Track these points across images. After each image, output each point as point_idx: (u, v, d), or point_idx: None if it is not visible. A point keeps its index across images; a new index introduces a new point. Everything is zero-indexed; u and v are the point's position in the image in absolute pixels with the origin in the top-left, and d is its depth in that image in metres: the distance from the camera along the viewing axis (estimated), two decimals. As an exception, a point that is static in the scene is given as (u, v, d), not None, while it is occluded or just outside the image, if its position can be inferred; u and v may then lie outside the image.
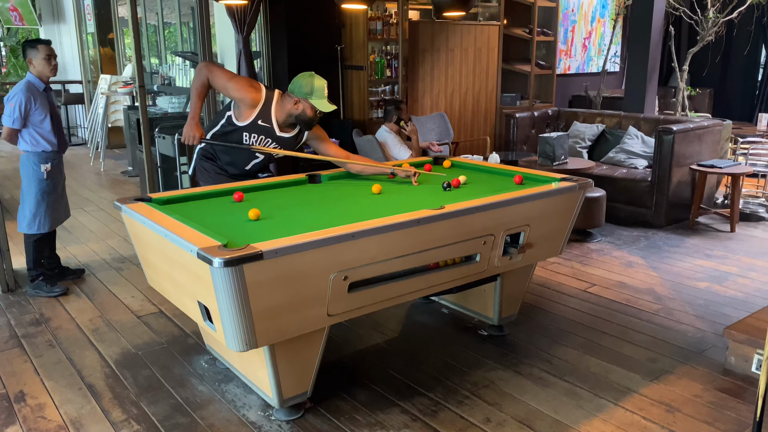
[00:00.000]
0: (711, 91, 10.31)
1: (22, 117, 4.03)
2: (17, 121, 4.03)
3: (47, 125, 4.09)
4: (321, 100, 3.49)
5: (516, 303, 3.61)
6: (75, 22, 10.81)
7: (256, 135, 3.53)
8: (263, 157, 3.62)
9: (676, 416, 2.79)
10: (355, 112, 6.95)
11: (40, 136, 4.09)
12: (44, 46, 4.06)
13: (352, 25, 6.76)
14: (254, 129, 3.51)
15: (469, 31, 7.47)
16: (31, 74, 4.11)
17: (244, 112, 3.49)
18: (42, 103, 4.08)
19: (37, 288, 4.23)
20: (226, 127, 3.54)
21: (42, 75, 4.09)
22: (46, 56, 4.05)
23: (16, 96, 4.01)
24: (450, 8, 5.02)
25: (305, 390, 2.77)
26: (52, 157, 4.17)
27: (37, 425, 2.76)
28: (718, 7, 7.77)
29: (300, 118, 3.52)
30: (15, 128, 4.08)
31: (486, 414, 2.81)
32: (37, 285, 4.24)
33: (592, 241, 5.30)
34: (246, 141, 3.53)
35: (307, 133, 3.67)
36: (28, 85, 4.05)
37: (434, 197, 3.17)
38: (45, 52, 4.04)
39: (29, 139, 4.10)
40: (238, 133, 3.51)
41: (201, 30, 5.36)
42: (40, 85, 4.10)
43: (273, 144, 3.57)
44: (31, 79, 4.08)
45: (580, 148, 6.50)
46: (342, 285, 2.52)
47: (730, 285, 4.31)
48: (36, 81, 4.09)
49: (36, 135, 4.09)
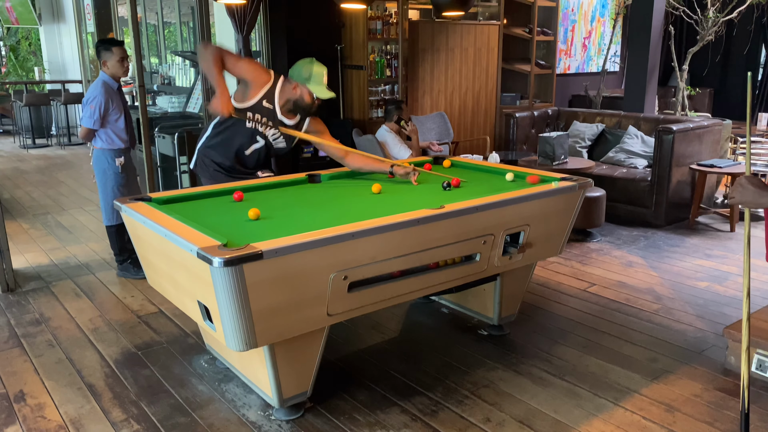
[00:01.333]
0: (711, 90, 10.31)
1: (101, 117, 4.17)
2: (97, 122, 4.18)
3: (121, 123, 4.26)
4: (319, 86, 3.50)
5: (516, 303, 3.61)
6: (75, 22, 10.80)
7: (260, 116, 3.55)
8: (263, 142, 3.62)
9: (675, 416, 2.79)
10: (355, 111, 6.95)
11: (114, 134, 4.25)
12: (119, 48, 4.21)
13: (351, 25, 6.75)
14: (258, 109, 3.54)
15: (468, 30, 7.47)
16: (105, 74, 4.24)
17: (251, 92, 3.53)
18: (117, 102, 4.24)
19: (124, 270, 4.47)
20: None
21: (115, 75, 4.25)
22: (120, 58, 4.20)
23: (96, 98, 4.15)
24: (449, 8, 5.02)
25: (305, 390, 2.77)
26: (124, 152, 4.33)
27: (37, 425, 2.76)
28: (718, 6, 7.77)
29: (298, 104, 3.55)
30: (94, 129, 4.23)
31: (486, 414, 2.81)
32: (125, 267, 4.47)
33: (592, 240, 5.30)
34: (248, 124, 3.55)
35: (308, 125, 3.68)
36: (106, 87, 4.19)
37: (434, 197, 3.17)
38: (120, 54, 4.20)
39: (105, 137, 4.25)
40: (242, 115, 3.53)
41: (201, 29, 5.35)
42: (114, 85, 4.25)
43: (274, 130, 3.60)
44: (106, 79, 4.22)
45: (579, 147, 6.50)
46: (342, 285, 2.52)
47: (730, 285, 4.31)
48: (111, 81, 4.23)
49: (111, 133, 4.25)
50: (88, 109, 4.16)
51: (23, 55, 13.71)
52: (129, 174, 4.45)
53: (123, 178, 4.38)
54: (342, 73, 6.93)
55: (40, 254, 5.05)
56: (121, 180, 4.37)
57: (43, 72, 12.37)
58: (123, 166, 4.36)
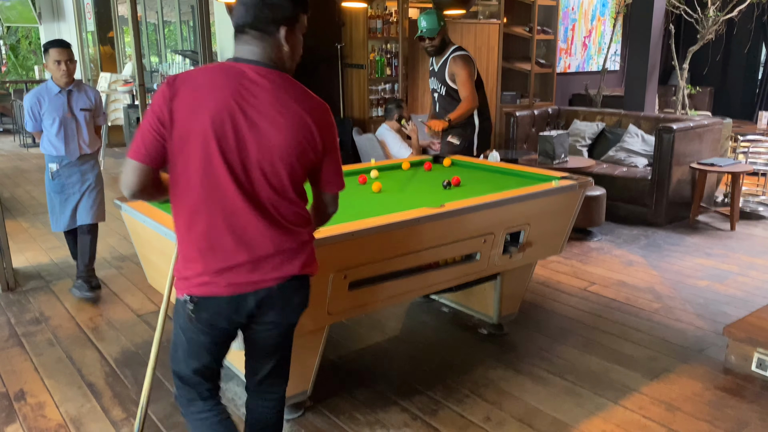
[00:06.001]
0: (711, 89, 10.30)
1: (32, 119, 3.98)
2: (29, 123, 4.01)
3: (54, 130, 3.95)
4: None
5: (516, 302, 3.60)
6: (75, 21, 10.81)
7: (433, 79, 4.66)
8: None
9: (675, 415, 2.79)
10: (355, 110, 6.94)
11: (47, 140, 4.00)
12: (55, 49, 3.89)
13: (352, 24, 6.75)
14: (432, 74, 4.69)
15: (469, 29, 7.46)
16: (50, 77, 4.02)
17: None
18: (50, 107, 3.94)
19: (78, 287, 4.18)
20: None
21: (54, 79, 3.95)
22: (56, 60, 3.88)
23: (26, 100, 3.98)
24: (450, 7, 5.02)
25: (305, 389, 2.77)
26: (59, 160, 4.02)
27: (37, 424, 2.76)
28: (719, 5, 7.76)
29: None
30: (29, 130, 4.08)
31: (486, 413, 2.81)
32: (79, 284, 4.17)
33: (592, 239, 5.30)
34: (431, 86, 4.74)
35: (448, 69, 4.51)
36: (39, 90, 3.98)
37: (434, 196, 3.17)
38: (55, 56, 3.88)
39: (43, 142, 4.04)
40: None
41: (201, 28, 5.36)
42: (53, 89, 3.94)
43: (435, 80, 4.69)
44: (48, 82, 3.98)
45: (580, 146, 6.50)
46: (342, 284, 2.52)
47: (730, 284, 4.31)
48: (51, 85, 3.96)
49: (45, 138, 4.01)
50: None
51: (23, 54, 13.72)
52: (66, 185, 4.06)
53: (57, 185, 4.04)
54: (342, 71, 6.93)
55: (40, 253, 5.05)
56: (53, 187, 4.05)
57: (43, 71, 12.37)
58: (54, 173, 4.02)
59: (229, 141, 1.71)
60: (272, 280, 1.82)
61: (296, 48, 1.89)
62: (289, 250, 1.83)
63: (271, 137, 1.73)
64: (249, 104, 1.72)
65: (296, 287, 1.89)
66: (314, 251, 1.93)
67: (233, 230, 1.75)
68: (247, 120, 1.72)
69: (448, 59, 4.50)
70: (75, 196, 4.08)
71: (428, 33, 4.46)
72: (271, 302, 1.85)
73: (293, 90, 1.81)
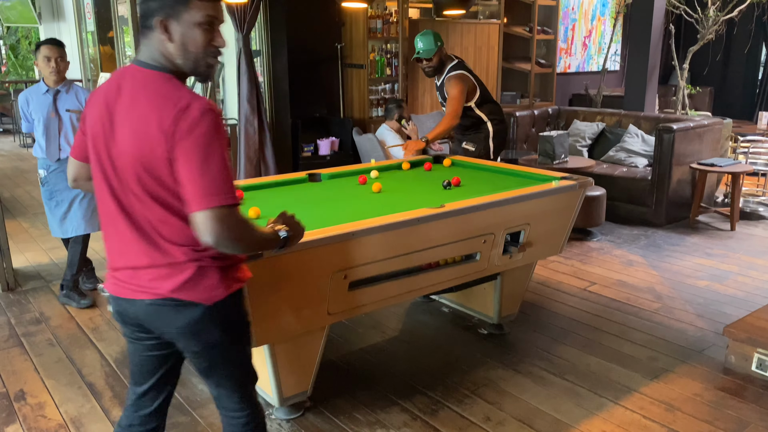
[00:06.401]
0: (711, 89, 10.30)
1: (25, 120, 3.92)
2: (23, 124, 3.96)
3: (39, 132, 3.87)
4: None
5: (516, 302, 3.60)
6: (75, 21, 10.80)
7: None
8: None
9: (676, 415, 2.79)
10: (355, 110, 6.94)
11: (36, 141, 3.93)
12: (46, 46, 3.83)
13: (352, 24, 6.75)
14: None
15: (469, 29, 7.46)
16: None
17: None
18: (36, 107, 3.86)
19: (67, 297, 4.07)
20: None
21: (44, 78, 3.87)
22: (44, 57, 3.81)
23: (18, 99, 3.92)
24: (450, 6, 5.02)
25: (305, 389, 2.77)
26: (47, 164, 3.91)
27: (37, 424, 2.76)
28: (719, 5, 7.76)
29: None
30: (24, 131, 3.99)
31: (486, 413, 2.81)
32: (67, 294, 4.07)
33: (592, 239, 5.30)
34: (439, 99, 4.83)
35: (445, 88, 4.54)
36: (31, 88, 3.92)
37: (434, 196, 3.17)
38: (45, 52, 3.81)
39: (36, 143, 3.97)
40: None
41: (201, 28, 5.34)
42: (41, 88, 3.87)
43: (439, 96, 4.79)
44: (40, 81, 3.90)
45: (580, 146, 6.50)
46: (342, 284, 2.52)
47: (730, 284, 4.31)
48: (41, 84, 3.89)
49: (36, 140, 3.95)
50: None
51: (23, 54, 13.71)
52: (54, 192, 3.92)
53: (46, 192, 3.94)
54: (342, 71, 6.92)
55: (41, 253, 5.05)
56: (44, 194, 3.96)
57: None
58: (43, 179, 3.93)
59: (99, 148, 1.69)
60: (147, 294, 1.70)
61: (187, 44, 1.63)
62: (164, 266, 1.68)
63: (125, 144, 1.63)
64: (114, 110, 1.65)
65: (172, 310, 1.70)
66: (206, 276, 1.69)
67: (116, 235, 1.73)
68: (111, 126, 1.65)
69: (444, 79, 4.55)
70: (64, 204, 3.92)
71: (425, 54, 4.50)
72: (148, 317, 1.74)
73: (153, 90, 1.61)
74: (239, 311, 1.81)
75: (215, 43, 1.67)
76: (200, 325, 1.72)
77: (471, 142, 4.65)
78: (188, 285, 1.68)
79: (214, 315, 1.72)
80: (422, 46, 4.50)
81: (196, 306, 1.69)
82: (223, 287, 1.72)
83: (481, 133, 4.63)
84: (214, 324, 1.74)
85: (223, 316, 1.75)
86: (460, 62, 4.59)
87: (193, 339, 1.75)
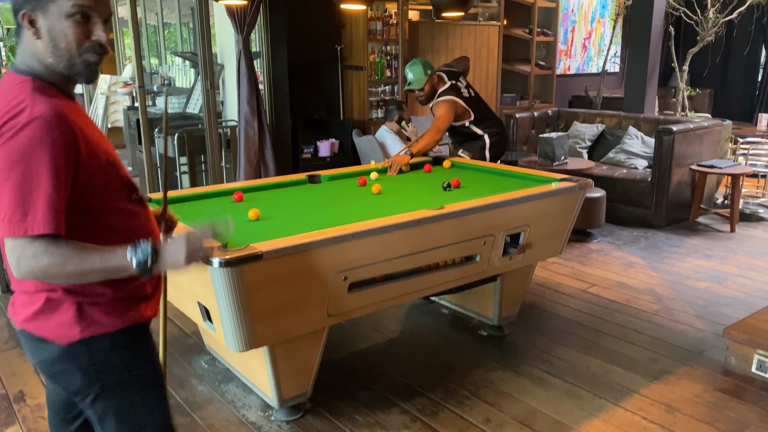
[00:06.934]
0: (711, 91, 10.30)
1: None
2: None
3: None
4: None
5: (516, 303, 3.60)
6: (75, 23, 10.80)
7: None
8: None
9: (676, 416, 2.79)
10: (355, 112, 6.94)
11: None
12: None
13: (351, 26, 6.75)
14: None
15: (468, 31, 7.47)
16: None
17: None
18: None
19: None
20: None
21: None
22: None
23: None
24: (449, 8, 5.02)
25: (305, 390, 2.77)
26: None
27: (36, 425, 2.76)
28: (718, 7, 7.76)
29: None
30: None
31: (486, 414, 2.81)
32: None
33: (592, 241, 5.30)
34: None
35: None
36: None
37: (434, 197, 3.17)
38: None
39: None
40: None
41: (201, 30, 5.35)
42: None
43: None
44: None
45: (580, 148, 6.50)
46: (342, 285, 2.52)
47: (730, 285, 4.31)
48: None
49: None
50: None
51: (23, 56, 13.71)
52: None
53: None
54: (342, 73, 6.93)
55: (40, 255, 5.04)
56: None
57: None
58: None
59: None
60: (15, 319, 1.53)
61: (57, 39, 1.41)
62: (23, 293, 1.50)
63: None
64: None
65: (29, 342, 1.52)
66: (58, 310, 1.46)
67: None
68: None
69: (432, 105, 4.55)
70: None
71: (416, 85, 4.52)
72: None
73: (1, 96, 1.41)
74: (122, 356, 1.52)
75: (93, 38, 1.43)
76: (57, 367, 1.49)
77: (467, 151, 4.66)
78: (40, 317, 1.47)
79: (74, 358, 1.48)
80: (412, 77, 4.51)
81: (48, 344, 1.47)
82: (80, 327, 1.46)
83: (478, 143, 4.63)
84: (76, 367, 1.48)
85: (87, 361, 1.48)
86: (452, 86, 4.54)
87: (55, 381, 1.56)
